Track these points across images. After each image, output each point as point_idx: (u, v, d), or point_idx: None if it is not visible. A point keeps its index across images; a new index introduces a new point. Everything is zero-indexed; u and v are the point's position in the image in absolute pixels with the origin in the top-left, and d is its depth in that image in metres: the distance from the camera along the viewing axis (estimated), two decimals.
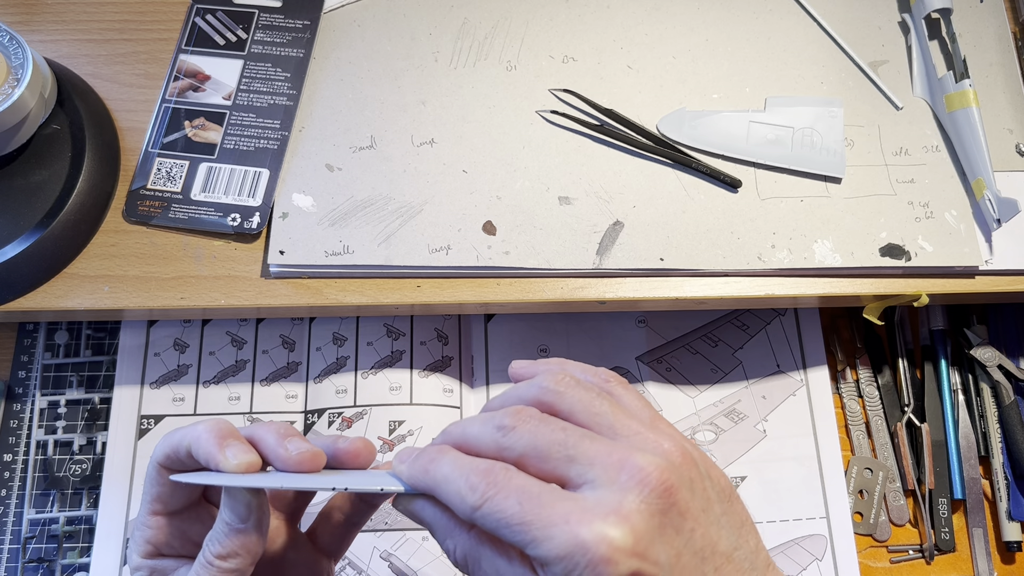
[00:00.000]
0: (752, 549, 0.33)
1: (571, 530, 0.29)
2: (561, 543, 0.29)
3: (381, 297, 0.53)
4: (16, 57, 0.50)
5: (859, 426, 0.61)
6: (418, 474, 0.33)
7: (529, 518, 0.30)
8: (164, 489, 0.37)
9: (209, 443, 0.35)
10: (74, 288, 0.52)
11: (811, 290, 0.54)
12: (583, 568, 0.28)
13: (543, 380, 0.34)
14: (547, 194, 0.55)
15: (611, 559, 0.28)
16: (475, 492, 0.31)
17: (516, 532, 0.30)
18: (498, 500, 0.30)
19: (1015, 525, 0.58)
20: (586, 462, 0.31)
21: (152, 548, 0.38)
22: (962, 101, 0.56)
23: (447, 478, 0.32)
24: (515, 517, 0.30)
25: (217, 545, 0.35)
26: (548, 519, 0.29)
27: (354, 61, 0.58)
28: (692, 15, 0.60)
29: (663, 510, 0.30)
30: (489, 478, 0.31)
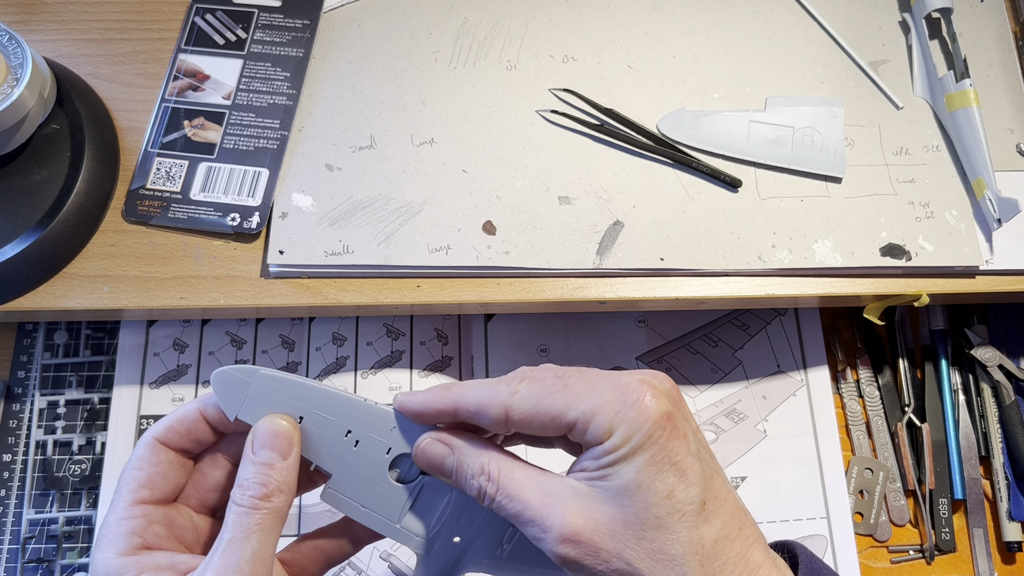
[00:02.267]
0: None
1: (612, 382, 0.32)
2: (605, 392, 0.32)
3: (381, 297, 0.53)
4: (15, 57, 0.50)
5: (859, 426, 0.61)
6: (437, 395, 0.35)
7: (570, 383, 0.33)
8: (156, 471, 0.36)
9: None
10: (73, 288, 0.52)
11: (811, 290, 0.54)
12: (631, 404, 0.31)
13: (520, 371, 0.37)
14: (547, 194, 0.55)
15: (656, 393, 0.32)
16: (509, 382, 0.33)
17: (558, 398, 0.33)
18: (535, 380, 0.33)
19: (1015, 525, 0.58)
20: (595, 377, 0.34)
21: (139, 540, 0.34)
22: (962, 101, 0.56)
23: (475, 386, 0.34)
24: (555, 383, 0.33)
25: (259, 487, 0.34)
26: (588, 381, 0.33)
27: (354, 61, 0.58)
28: (692, 15, 0.60)
29: (677, 400, 0.33)
30: (517, 375, 0.34)
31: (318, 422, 0.36)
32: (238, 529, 0.33)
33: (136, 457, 0.36)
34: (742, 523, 0.33)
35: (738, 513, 0.33)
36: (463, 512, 0.37)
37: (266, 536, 0.33)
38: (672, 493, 0.31)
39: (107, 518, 0.35)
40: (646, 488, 0.31)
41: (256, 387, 0.36)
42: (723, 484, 0.33)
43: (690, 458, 0.32)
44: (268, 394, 0.36)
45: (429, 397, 0.35)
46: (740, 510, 0.33)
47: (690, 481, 0.31)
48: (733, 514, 0.33)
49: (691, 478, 0.31)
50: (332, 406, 0.36)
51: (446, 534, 0.36)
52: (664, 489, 0.31)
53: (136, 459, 0.36)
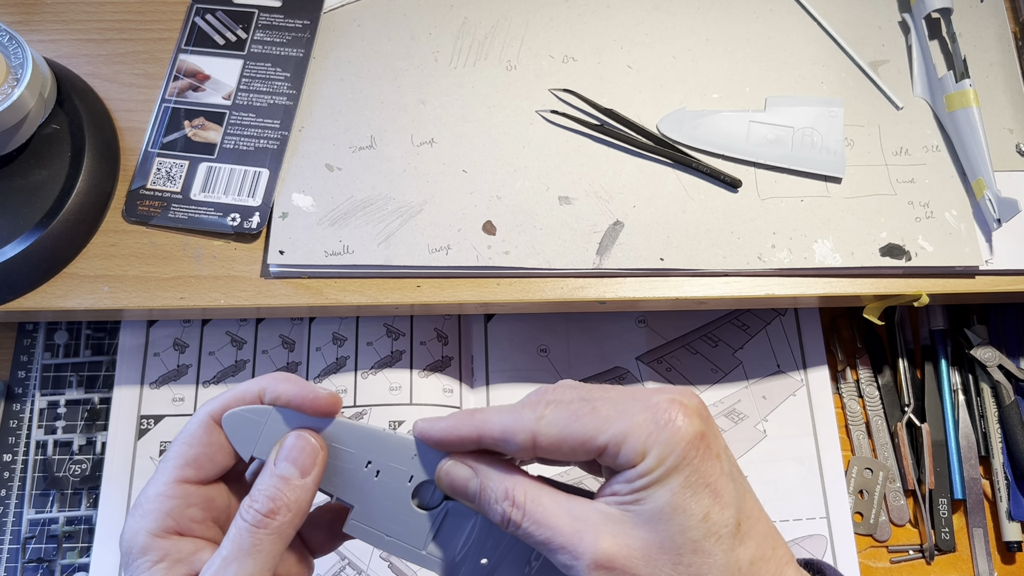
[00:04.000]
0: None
1: (641, 403, 0.31)
2: (636, 414, 0.31)
3: (381, 297, 0.53)
4: (16, 57, 0.50)
5: (859, 426, 0.61)
6: (461, 422, 0.34)
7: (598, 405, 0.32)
8: (205, 452, 0.34)
9: (294, 383, 0.35)
10: (74, 288, 0.52)
11: (811, 290, 0.54)
12: (663, 425, 0.31)
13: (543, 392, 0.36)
14: (547, 194, 0.55)
15: (688, 413, 0.31)
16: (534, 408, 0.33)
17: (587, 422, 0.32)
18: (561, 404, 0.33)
19: (1015, 525, 0.58)
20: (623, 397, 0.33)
21: (172, 523, 0.33)
22: (962, 101, 0.56)
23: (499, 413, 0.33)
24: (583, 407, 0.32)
25: (268, 500, 0.33)
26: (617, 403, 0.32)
27: (354, 61, 0.58)
28: (692, 15, 0.60)
29: (705, 417, 0.32)
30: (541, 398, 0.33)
31: (337, 454, 0.36)
32: (235, 547, 0.32)
33: (188, 433, 0.35)
34: (775, 543, 0.32)
35: (771, 533, 0.32)
36: (489, 534, 0.36)
37: (264, 559, 0.32)
38: (708, 515, 0.30)
39: (148, 488, 0.34)
40: (682, 511, 0.30)
41: (270, 424, 0.35)
42: (755, 503, 0.33)
43: (724, 478, 0.31)
44: (283, 430, 0.35)
45: (451, 424, 0.34)
46: (772, 530, 0.33)
47: (725, 502, 0.31)
48: (767, 534, 0.32)
49: (726, 499, 0.31)
50: (350, 437, 0.36)
51: (473, 557, 0.36)
52: (700, 511, 0.30)
53: (188, 435, 0.34)
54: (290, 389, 0.35)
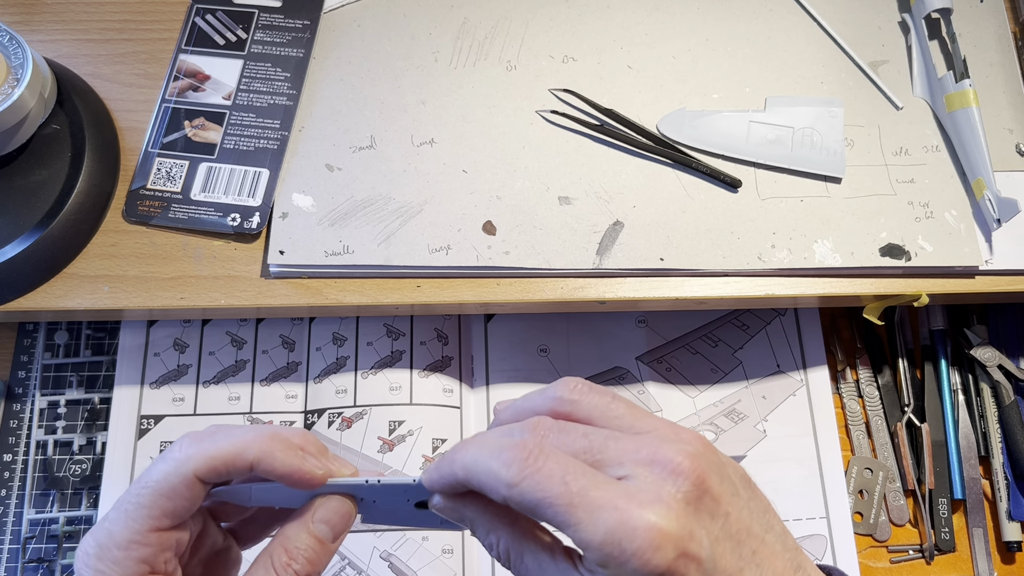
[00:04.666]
0: (780, 532, 0.33)
1: (619, 516, 0.28)
2: (609, 527, 0.28)
3: (381, 297, 0.53)
4: (16, 57, 0.50)
5: (859, 426, 0.61)
6: (445, 468, 0.33)
7: (576, 500, 0.29)
8: (185, 505, 0.33)
9: (289, 456, 0.34)
10: (74, 288, 0.52)
11: (811, 290, 0.54)
12: (629, 555, 0.28)
13: (556, 390, 0.34)
14: (547, 194, 0.55)
15: (659, 545, 0.28)
16: (511, 468, 0.30)
17: (558, 512, 0.29)
18: (539, 479, 0.30)
19: (1015, 525, 0.58)
20: (615, 463, 0.31)
21: (147, 568, 0.32)
22: (962, 101, 0.56)
23: (476, 459, 0.31)
24: (560, 498, 0.29)
25: (306, 563, 0.33)
26: (594, 502, 0.29)
27: (354, 61, 0.58)
28: (692, 15, 0.60)
29: (699, 497, 0.30)
30: (524, 453, 0.30)
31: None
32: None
33: (168, 485, 0.33)
34: None
35: None
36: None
37: None
38: None
39: (116, 529, 0.32)
40: None
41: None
42: (751, 574, 0.31)
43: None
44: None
45: (440, 475, 0.33)
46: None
47: None
48: None
49: None
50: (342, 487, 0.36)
51: None
52: None
53: (168, 487, 0.33)
54: (286, 464, 0.34)
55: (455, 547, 0.56)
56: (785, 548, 0.33)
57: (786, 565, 0.32)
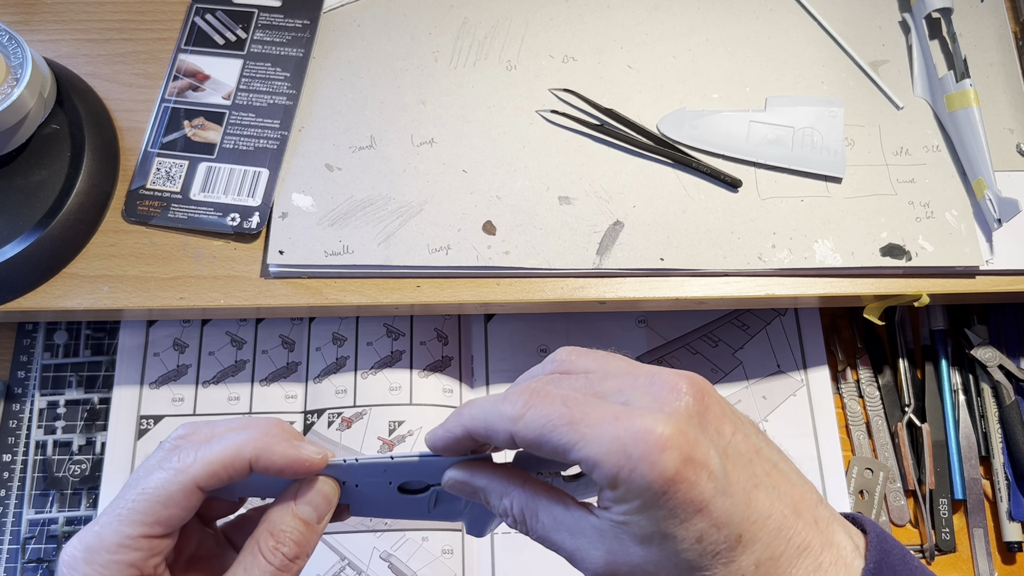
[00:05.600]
0: (796, 468, 0.33)
1: (621, 425, 0.29)
2: (612, 437, 0.29)
3: (381, 297, 0.53)
4: (15, 57, 0.50)
5: (859, 426, 0.61)
6: (451, 423, 0.33)
7: (577, 416, 0.29)
8: (180, 514, 0.33)
9: (285, 447, 0.33)
10: (73, 288, 0.52)
11: (811, 290, 0.54)
12: (636, 460, 0.28)
13: (553, 355, 0.34)
14: (547, 194, 0.55)
15: (664, 445, 0.28)
16: (515, 405, 0.30)
17: (563, 433, 0.29)
18: (542, 406, 0.30)
19: (1016, 525, 0.58)
20: (614, 392, 0.31)
21: (136, 572, 0.32)
22: (963, 101, 0.56)
23: (482, 408, 0.32)
24: (561, 417, 0.29)
25: (293, 545, 0.33)
26: (596, 418, 0.29)
27: (354, 61, 0.58)
28: (692, 15, 0.60)
29: (701, 412, 0.30)
30: (528, 391, 0.31)
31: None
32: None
33: (166, 493, 0.32)
34: (791, 532, 0.30)
35: (785, 523, 0.30)
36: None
37: None
38: (701, 537, 0.29)
39: (107, 533, 0.32)
40: (671, 537, 0.29)
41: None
42: (767, 495, 0.30)
43: (718, 498, 0.29)
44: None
45: (446, 431, 0.34)
46: (788, 517, 0.30)
47: (720, 522, 0.29)
48: (779, 528, 0.30)
49: (720, 518, 0.29)
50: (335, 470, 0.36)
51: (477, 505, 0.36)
52: (691, 535, 0.29)
53: (165, 495, 0.32)
54: (285, 455, 0.34)
55: (455, 547, 0.56)
56: (803, 480, 0.32)
57: (805, 494, 0.31)
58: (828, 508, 0.32)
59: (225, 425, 0.35)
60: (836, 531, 0.31)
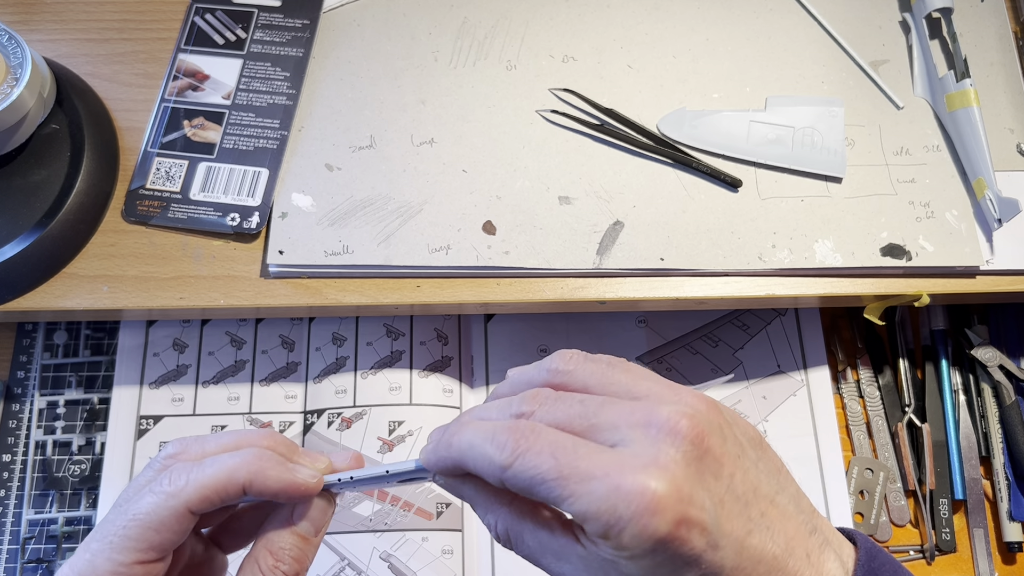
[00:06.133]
0: (794, 493, 0.32)
1: (612, 482, 0.28)
2: (602, 496, 0.28)
3: (381, 297, 0.53)
4: (15, 56, 0.50)
5: (860, 426, 0.61)
6: (443, 451, 0.32)
7: (566, 472, 0.29)
8: (173, 538, 0.32)
9: (280, 472, 0.33)
10: (73, 288, 0.52)
11: (812, 290, 0.54)
12: (627, 521, 0.27)
13: (551, 362, 0.33)
14: (547, 194, 0.55)
15: (656, 508, 0.27)
16: (504, 450, 0.30)
17: (552, 488, 0.29)
18: (530, 456, 0.29)
19: (1016, 526, 0.58)
20: (610, 426, 0.30)
21: None
22: (963, 100, 0.56)
23: (471, 444, 0.31)
24: (550, 472, 0.29)
25: (293, 562, 0.33)
26: (586, 472, 0.28)
27: (354, 61, 0.58)
28: (692, 14, 0.60)
29: (699, 457, 0.29)
30: (517, 434, 0.30)
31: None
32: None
33: (157, 519, 0.32)
34: (785, 562, 0.30)
35: (776, 565, 0.30)
36: None
37: None
38: None
39: (99, 561, 0.32)
40: None
41: None
42: (760, 539, 0.30)
43: (709, 551, 0.28)
44: None
45: (438, 457, 0.33)
46: (779, 558, 0.30)
47: (710, 572, 0.29)
48: (769, 572, 0.30)
49: (710, 569, 0.29)
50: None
51: None
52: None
53: (158, 521, 0.32)
54: (280, 480, 0.33)
55: (455, 547, 0.56)
56: (799, 510, 0.32)
57: (799, 527, 0.31)
58: (821, 535, 0.32)
59: (216, 442, 0.35)
60: (827, 559, 0.31)
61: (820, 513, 0.33)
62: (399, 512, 0.56)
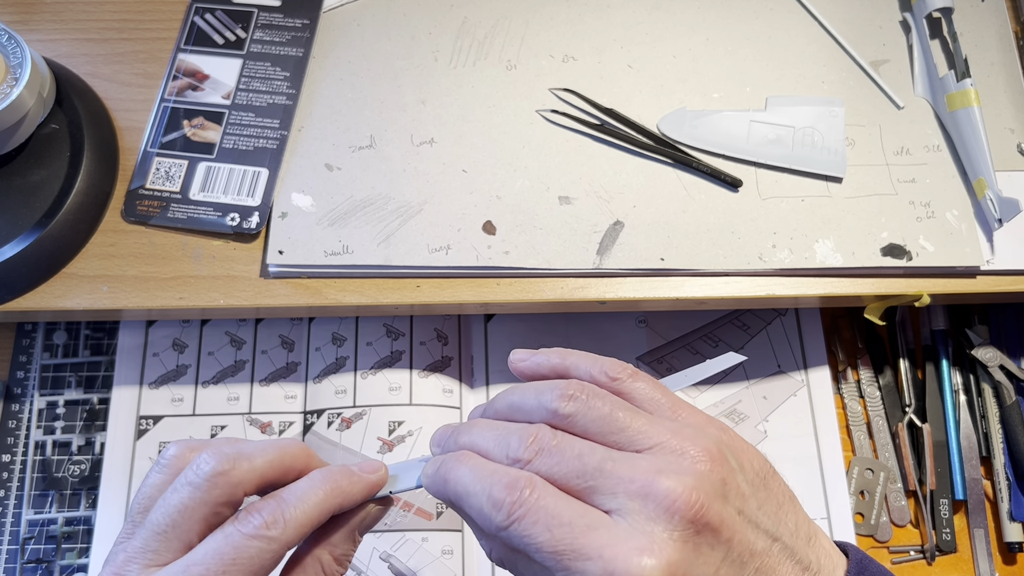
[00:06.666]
0: (792, 529, 0.33)
1: (604, 565, 0.28)
2: (589, 556, 0.29)
3: (381, 297, 0.53)
4: (15, 56, 0.50)
5: (860, 426, 0.61)
6: (439, 485, 0.33)
7: (560, 548, 0.29)
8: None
9: (359, 486, 0.35)
10: (72, 288, 0.52)
11: (812, 290, 0.54)
12: None
13: (551, 400, 0.33)
14: (547, 194, 0.55)
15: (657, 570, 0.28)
16: (500, 510, 0.30)
17: (546, 559, 0.29)
18: (526, 524, 0.30)
19: (1016, 526, 0.58)
20: (608, 492, 0.30)
21: None
22: (963, 100, 0.56)
23: (468, 492, 0.32)
24: (546, 545, 0.29)
25: (348, 567, 0.35)
26: (581, 550, 0.29)
27: (354, 60, 0.58)
28: (693, 14, 0.60)
29: (696, 532, 0.29)
30: (513, 495, 0.30)
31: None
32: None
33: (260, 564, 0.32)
34: None
35: None
36: None
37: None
38: None
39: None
40: None
41: None
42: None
43: None
44: None
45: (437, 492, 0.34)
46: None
47: None
48: None
49: None
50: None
51: None
52: None
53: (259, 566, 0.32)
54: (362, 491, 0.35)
55: (455, 548, 0.55)
56: (794, 552, 0.32)
57: (792, 569, 0.32)
58: (815, 566, 0.32)
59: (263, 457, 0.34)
60: None
61: (819, 533, 0.34)
62: (399, 512, 0.56)
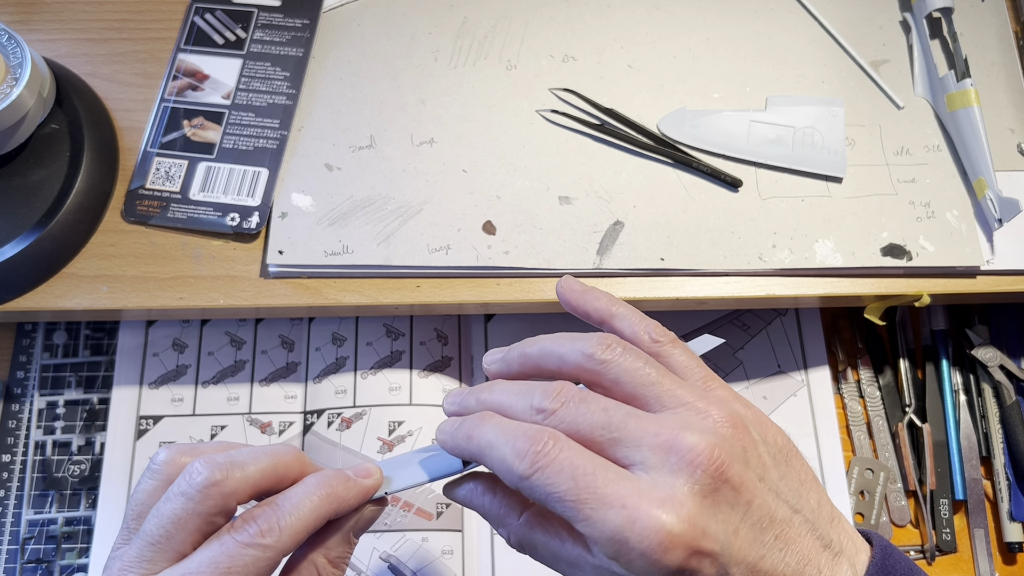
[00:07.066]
0: (814, 507, 0.33)
1: (627, 514, 0.28)
2: (616, 526, 0.29)
3: (381, 297, 0.53)
4: (15, 56, 0.50)
5: (860, 426, 0.61)
6: (461, 442, 0.33)
7: (583, 496, 0.29)
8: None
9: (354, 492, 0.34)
10: (72, 288, 0.52)
11: (812, 290, 0.54)
12: (639, 553, 0.28)
13: (588, 346, 0.33)
14: (547, 194, 0.55)
15: (666, 545, 0.28)
16: (523, 460, 0.30)
17: (567, 507, 0.29)
18: (549, 473, 0.30)
19: (1016, 526, 0.58)
20: (632, 444, 0.30)
21: None
22: (963, 100, 0.56)
23: (491, 444, 0.32)
24: (568, 493, 0.29)
25: (345, 569, 0.35)
26: (602, 499, 0.29)
27: (354, 60, 0.58)
28: (693, 14, 0.60)
29: (716, 488, 0.30)
30: (538, 445, 0.30)
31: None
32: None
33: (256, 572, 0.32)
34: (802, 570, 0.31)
35: (792, 574, 0.31)
36: None
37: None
38: None
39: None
40: None
41: None
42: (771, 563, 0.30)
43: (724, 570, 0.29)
44: None
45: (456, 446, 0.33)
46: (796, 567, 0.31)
47: None
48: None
49: None
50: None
51: None
52: None
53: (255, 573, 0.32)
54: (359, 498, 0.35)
55: (455, 548, 0.55)
56: (815, 526, 0.32)
57: (813, 543, 0.31)
58: (837, 546, 0.32)
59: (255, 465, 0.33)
60: (840, 571, 0.32)
61: (842, 517, 0.34)
62: (399, 512, 0.56)
